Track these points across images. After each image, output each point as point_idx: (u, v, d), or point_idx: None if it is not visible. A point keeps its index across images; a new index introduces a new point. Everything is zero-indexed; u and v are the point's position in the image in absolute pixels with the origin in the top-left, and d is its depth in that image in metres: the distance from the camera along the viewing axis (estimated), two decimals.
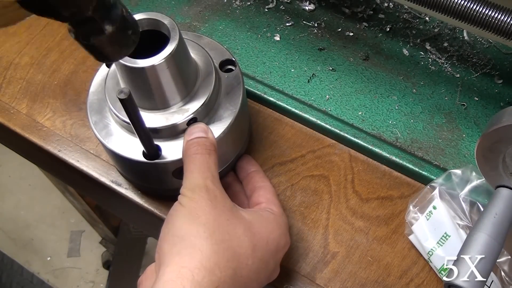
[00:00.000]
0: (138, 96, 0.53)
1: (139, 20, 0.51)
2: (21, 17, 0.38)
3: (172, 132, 0.53)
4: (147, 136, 0.51)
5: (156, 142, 0.54)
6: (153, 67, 0.49)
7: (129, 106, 0.47)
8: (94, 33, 0.38)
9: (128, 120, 0.53)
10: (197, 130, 0.52)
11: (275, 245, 0.50)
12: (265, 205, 0.54)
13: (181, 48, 0.51)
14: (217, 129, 0.54)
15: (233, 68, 0.58)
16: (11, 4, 0.35)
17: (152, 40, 0.52)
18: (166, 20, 0.51)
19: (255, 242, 0.48)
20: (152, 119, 0.53)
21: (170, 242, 0.46)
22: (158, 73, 0.50)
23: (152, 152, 0.53)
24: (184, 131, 0.53)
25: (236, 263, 0.46)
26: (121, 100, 0.46)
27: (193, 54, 0.55)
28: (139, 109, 0.53)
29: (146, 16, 0.51)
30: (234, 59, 0.58)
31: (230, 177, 0.60)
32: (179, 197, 0.48)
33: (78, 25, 0.37)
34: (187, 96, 0.54)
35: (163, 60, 0.49)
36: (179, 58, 0.51)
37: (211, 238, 0.45)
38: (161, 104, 0.53)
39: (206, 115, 0.55)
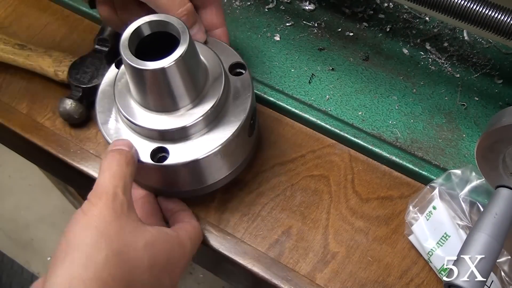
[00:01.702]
0: (148, 98, 0.53)
1: (149, 21, 0.51)
2: None
3: (181, 135, 0.53)
4: None
5: (165, 145, 0.54)
6: (162, 69, 0.49)
7: None
8: None
9: (137, 122, 0.53)
10: (121, 143, 0.51)
11: (172, 265, 0.49)
12: (176, 227, 0.53)
13: (191, 50, 0.51)
14: (226, 131, 0.54)
15: (243, 71, 0.58)
16: None
17: (162, 42, 0.51)
18: (176, 22, 0.51)
19: (154, 260, 0.47)
20: (161, 121, 0.53)
21: (64, 249, 0.44)
22: (168, 76, 0.50)
23: None
24: (193, 133, 0.54)
25: (131, 276, 0.44)
26: None
27: (202, 56, 0.55)
28: (149, 111, 0.53)
29: (156, 17, 0.51)
30: (243, 63, 0.58)
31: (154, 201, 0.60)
32: (84, 202, 0.47)
33: None
34: (196, 98, 0.54)
35: (173, 63, 0.49)
36: (189, 60, 0.51)
37: (106, 248, 0.43)
38: (170, 107, 0.53)
39: (215, 117, 0.55)
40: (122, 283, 0.44)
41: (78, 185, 0.88)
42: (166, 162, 0.53)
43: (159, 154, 0.54)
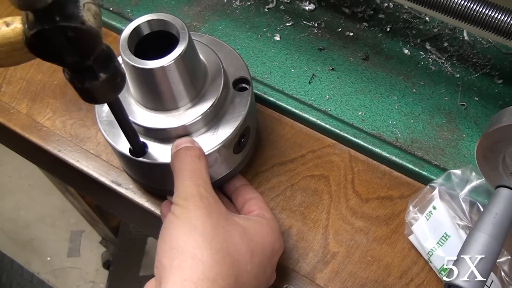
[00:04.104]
0: (147, 97, 0.53)
1: (149, 20, 0.51)
2: (28, 59, 0.41)
3: (181, 133, 0.54)
4: (133, 133, 0.51)
5: (165, 144, 0.54)
6: (162, 68, 0.49)
7: (114, 104, 0.47)
8: (89, 78, 0.41)
9: (136, 121, 0.53)
10: (183, 141, 0.52)
11: (270, 249, 0.50)
12: (257, 211, 0.54)
13: (190, 49, 0.51)
14: (226, 130, 0.54)
15: (247, 86, 0.58)
16: (21, 48, 0.39)
17: (162, 41, 0.52)
18: (176, 21, 0.51)
19: (252, 248, 0.48)
20: (160, 120, 0.53)
21: (169, 255, 0.45)
22: (167, 75, 0.50)
23: (138, 149, 0.53)
24: (193, 132, 0.54)
25: (236, 270, 0.46)
26: None
27: (201, 55, 0.55)
28: (148, 110, 0.53)
29: (156, 17, 0.51)
30: (249, 79, 0.58)
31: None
32: (172, 207, 0.48)
33: (76, 70, 0.41)
34: (196, 97, 0.54)
35: (172, 62, 0.49)
36: (188, 59, 0.51)
37: (210, 247, 0.45)
38: (169, 105, 0.53)
39: (215, 116, 0.55)
40: (231, 278, 0.45)
41: (78, 185, 0.88)
42: (165, 160, 0.53)
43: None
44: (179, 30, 0.50)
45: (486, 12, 0.56)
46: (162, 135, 0.54)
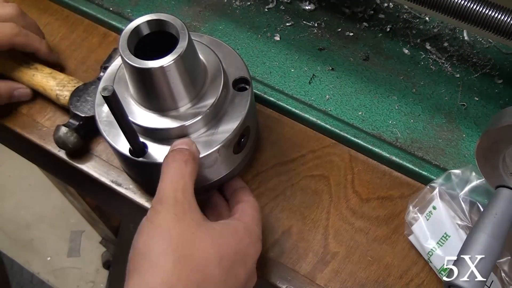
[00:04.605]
0: (146, 97, 0.53)
1: (149, 21, 0.51)
2: None
3: (180, 133, 0.54)
4: (132, 133, 0.51)
5: (165, 144, 0.54)
6: (161, 68, 0.49)
7: (114, 104, 0.47)
8: None
9: (135, 121, 0.53)
10: (179, 143, 0.51)
11: (243, 254, 0.50)
12: (238, 215, 0.53)
13: (190, 49, 0.51)
14: (225, 131, 0.54)
15: (247, 86, 0.58)
16: None
17: (161, 41, 0.52)
18: (175, 21, 0.51)
19: (222, 253, 0.47)
20: (160, 120, 0.53)
21: (133, 260, 0.45)
22: (167, 75, 0.50)
23: (138, 149, 0.53)
24: (192, 132, 0.54)
25: (200, 275, 0.45)
26: (105, 98, 0.46)
27: (201, 56, 0.55)
28: (148, 110, 0.53)
29: (156, 17, 0.51)
30: (249, 78, 0.58)
31: (214, 195, 0.60)
32: (149, 209, 0.48)
33: None
34: (196, 97, 0.54)
35: (172, 62, 0.49)
36: (188, 59, 0.51)
37: (173, 253, 0.45)
38: (169, 106, 0.53)
39: (214, 116, 0.55)
40: (193, 285, 0.45)
41: (78, 185, 0.88)
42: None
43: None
44: (178, 30, 0.50)
45: (486, 12, 0.56)
46: (162, 135, 0.54)
